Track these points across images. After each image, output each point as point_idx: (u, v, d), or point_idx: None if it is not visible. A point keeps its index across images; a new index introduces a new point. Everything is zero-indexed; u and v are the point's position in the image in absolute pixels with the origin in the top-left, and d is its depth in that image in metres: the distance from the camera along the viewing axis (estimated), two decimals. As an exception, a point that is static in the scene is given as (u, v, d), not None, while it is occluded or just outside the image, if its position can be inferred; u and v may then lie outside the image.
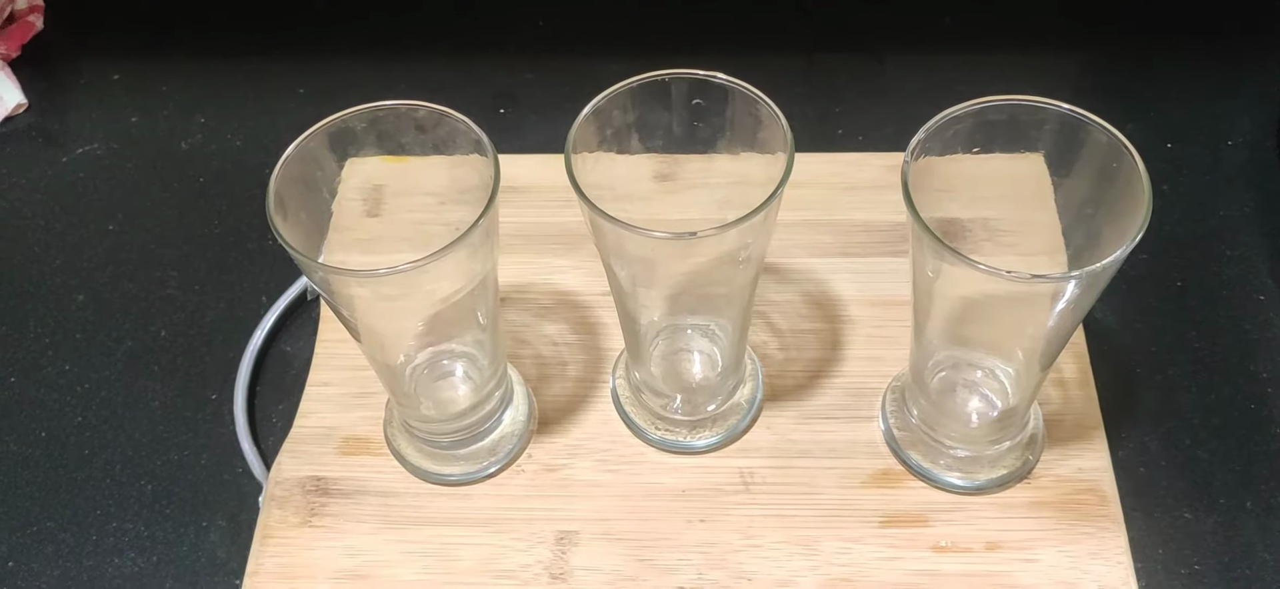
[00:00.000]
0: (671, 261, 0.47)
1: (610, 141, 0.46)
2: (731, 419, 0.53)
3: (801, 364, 0.55)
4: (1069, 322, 0.45)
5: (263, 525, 0.50)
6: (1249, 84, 0.67)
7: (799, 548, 0.49)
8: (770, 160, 0.44)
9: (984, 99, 0.43)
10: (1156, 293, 0.58)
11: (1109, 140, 0.42)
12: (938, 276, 0.44)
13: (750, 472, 0.52)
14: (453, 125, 0.45)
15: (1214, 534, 0.50)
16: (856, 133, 0.66)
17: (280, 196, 0.43)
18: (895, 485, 0.51)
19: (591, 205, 0.42)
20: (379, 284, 0.43)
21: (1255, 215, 0.61)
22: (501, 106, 0.69)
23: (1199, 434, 0.53)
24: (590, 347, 0.56)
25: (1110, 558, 0.48)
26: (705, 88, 0.46)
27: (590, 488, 0.51)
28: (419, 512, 0.51)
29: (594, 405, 0.54)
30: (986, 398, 0.50)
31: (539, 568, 0.49)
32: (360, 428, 0.53)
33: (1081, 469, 0.51)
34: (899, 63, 0.70)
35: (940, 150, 0.44)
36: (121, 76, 0.73)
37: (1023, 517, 0.50)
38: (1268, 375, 0.54)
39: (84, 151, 0.69)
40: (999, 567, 0.48)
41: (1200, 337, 0.56)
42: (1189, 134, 0.65)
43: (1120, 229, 0.41)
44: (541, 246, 0.60)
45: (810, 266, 0.58)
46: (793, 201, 0.57)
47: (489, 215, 0.42)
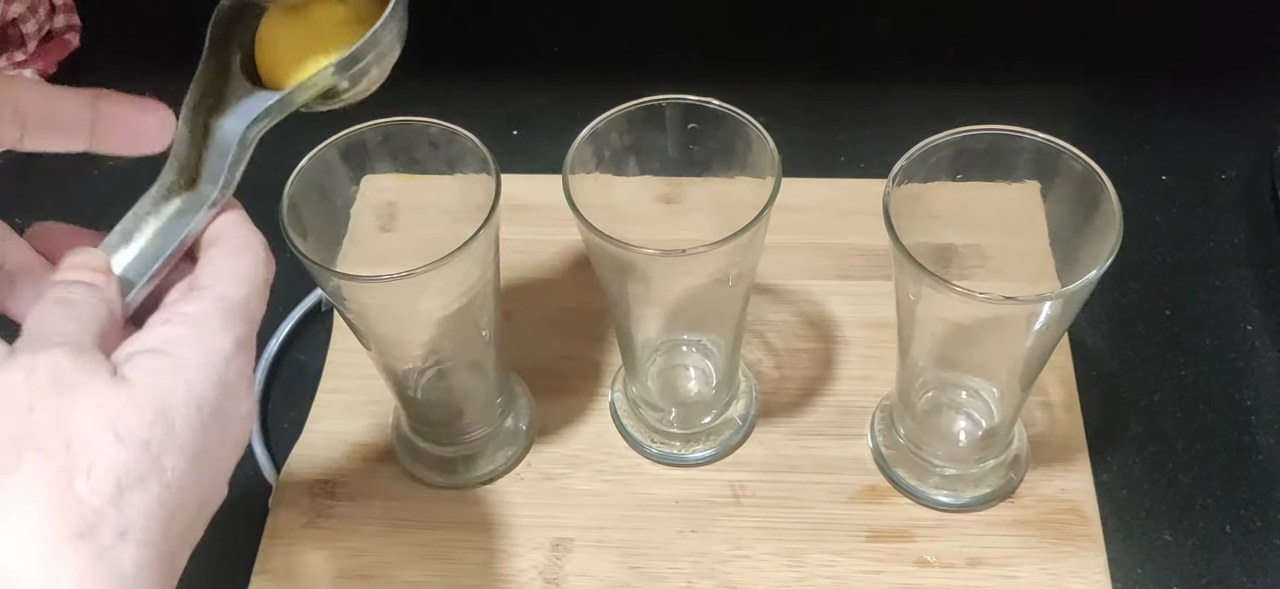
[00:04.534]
0: (665, 280, 0.49)
1: (608, 163, 0.48)
2: (725, 433, 0.54)
3: (795, 382, 0.57)
4: (1048, 342, 0.46)
5: (271, 526, 0.53)
6: (1243, 119, 0.68)
7: (786, 559, 0.51)
8: (760, 184, 0.46)
9: (964, 128, 0.45)
10: (1145, 320, 0.59)
11: (1083, 169, 0.44)
12: (919, 300, 0.45)
13: (741, 484, 0.53)
14: (462, 143, 0.47)
15: (1193, 556, 0.51)
16: (858, 159, 0.68)
17: (295, 204, 0.45)
18: (882, 501, 0.52)
19: (587, 223, 0.44)
20: (386, 290, 0.45)
21: (1244, 247, 0.62)
22: (515, 128, 0.72)
23: (1182, 459, 0.54)
24: (590, 361, 0.58)
25: (1089, 577, 0.49)
26: (699, 112, 0.48)
27: (586, 497, 0.53)
28: (422, 515, 0.53)
29: (592, 418, 0.56)
30: (971, 417, 0.52)
31: (534, 573, 0.51)
32: (368, 433, 0.56)
33: (1064, 489, 0.52)
34: (901, 92, 0.72)
35: (923, 177, 0.46)
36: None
37: (1005, 534, 0.51)
38: (1251, 403, 0.56)
39: (116, 163, 0.71)
40: (980, 583, 0.50)
41: (1186, 364, 0.57)
42: (1183, 166, 0.66)
43: (1094, 253, 0.43)
44: (547, 263, 0.62)
45: (807, 288, 0.60)
46: (792, 225, 0.59)
47: (489, 229, 0.45)
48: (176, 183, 0.38)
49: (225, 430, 0.34)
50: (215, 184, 0.38)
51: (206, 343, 0.33)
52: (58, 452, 0.29)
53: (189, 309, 0.34)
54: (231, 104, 0.39)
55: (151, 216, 0.38)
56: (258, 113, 0.38)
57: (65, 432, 0.30)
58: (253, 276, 0.36)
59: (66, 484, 0.29)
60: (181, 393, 0.32)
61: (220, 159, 0.38)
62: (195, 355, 0.33)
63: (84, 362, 0.31)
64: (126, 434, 0.30)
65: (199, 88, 0.39)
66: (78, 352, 0.31)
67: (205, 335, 0.33)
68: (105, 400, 0.31)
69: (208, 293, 0.35)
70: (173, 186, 0.38)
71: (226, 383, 0.33)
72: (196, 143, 0.39)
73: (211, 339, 0.34)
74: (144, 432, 0.31)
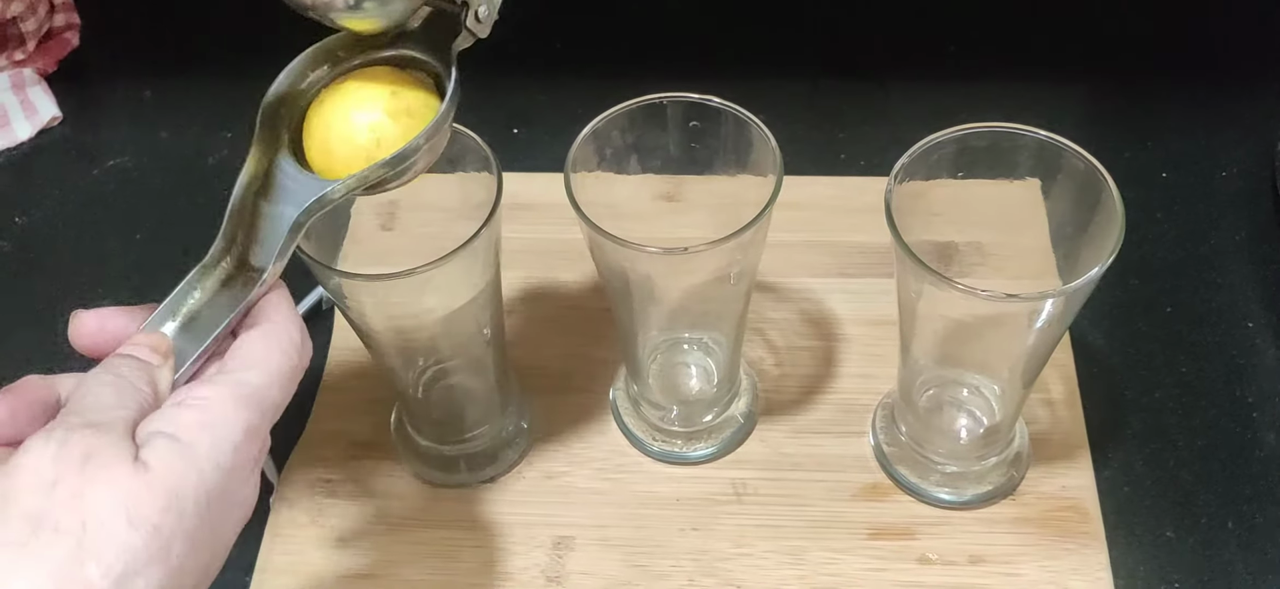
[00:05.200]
0: (667, 278, 0.49)
1: (610, 162, 0.48)
2: (726, 431, 0.54)
3: (796, 380, 0.57)
4: (1050, 340, 0.46)
5: (273, 524, 0.53)
6: (1244, 117, 0.68)
7: (788, 557, 0.51)
8: (762, 182, 0.46)
9: (965, 126, 0.45)
10: (1146, 317, 0.59)
11: (1085, 166, 0.44)
12: (920, 297, 0.45)
13: (743, 483, 0.53)
14: (463, 142, 0.47)
15: (1195, 553, 0.51)
16: (859, 158, 0.68)
17: None
18: (883, 499, 0.52)
19: (588, 221, 0.44)
20: (388, 289, 0.45)
21: (1246, 244, 0.62)
22: (516, 126, 0.72)
23: (1183, 456, 0.54)
24: (592, 359, 0.58)
25: (1090, 573, 0.49)
26: (701, 110, 0.48)
27: (588, 495, 0.53)
28: (423, 514, 0.53)
29: (594, 416, 0.56)
30: (972, 415, 0.52)
31: (536, 571, 0.51)
32: (368, 433, 0.56)
33: (1065, 487, 0.52)
34: (903, 90, 0.72)
35: (925, 175, 0.46)
36: (152, 94, 0.76)
37: (1006, 532, 0.51)
38: (1253, 400, 0.56)
39: (114, 164, 0.72)
40: (981, 580, 0.50)
41: (1188, 361, 0.57)
42: (1184, 164, 0.66)
43: (1096, 250, 0.43)
44: (548, 262, 0.62)
45: (808, 286, 0.60)
46: (794, 223, 0.59)
47: (490, 228, 0.45)
48: (226, 259, 0.39)
49: (228, 513, 0.35)
50: (265, 265, 0.38)
51: (218, 431, 0.34)
52: (73, 531, 0.30)
53: (206, 393, 0.35)
54: (282, 188, 0.40)
55: (199, 292, 0.38)
56: (309, 202, 0.39)
57: (82, 512, 0.31)
58: (278, 366, 0.37)
59: (77, 565, 0.30)
60: (193, 481, 0.33)
61: (271, 241, 0.39)
62: (206, 443, 0.33)
63: (114, 442, 0.32)
64: (139, 520, 0.31)
65: (250, 170, 0.40)
66: (110, 431, 0.32)
67: (217, 424, 0.34)
68: (125, 485, 0.31)
69: (228, 379, 0.36)
70: (223, 264, 0.39)
71: (234, 469, 0.34)
72: (247, 223, 0.39)
73: (223, 428, 0.34)
74: (156, 518, 0.31)
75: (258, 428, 0.35)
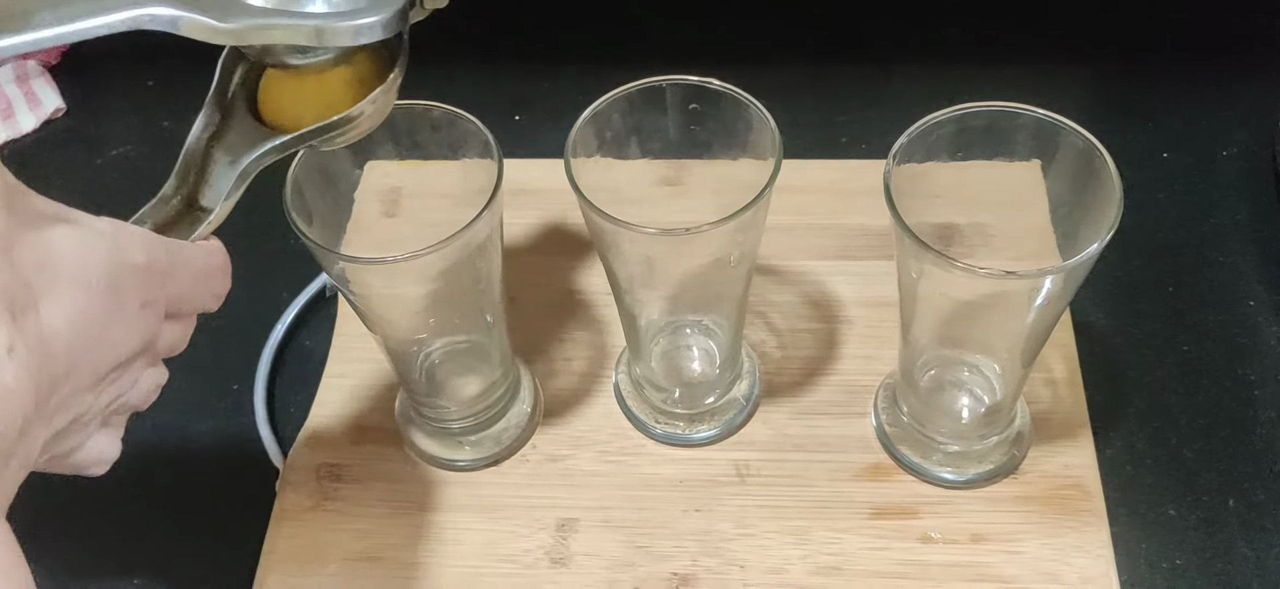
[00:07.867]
0: (668, 260, 0.49)
1: (610, 146, 0.48)
2: (729, 413, 0.55)
3: (798, 362, 0.57)
4: (1049, 318, 0.46)
5: (279, 508, 0.53)
6: (1246, 97, 0.68)
7: (790, 538, 0.51)
8: (762, 164, 0.46)
9: (964, 106, 0.45)
10: (1148, 297, 0.59)
11: (1083, 143, 0.44)
12: (920, 277, 0.45)
13: (745, 464, 0.53)
14: (465, 127, 0.48)
15: (1197, 530, 0.51)
16: (860, 141, 0.68)
17: (299, 188, 0.45)
18: (885, 479, 0.53)
19: (589, 204, 0.44)
20: (391, 273, 0.45)
21: (1247, 224, 0.62)
22: (517, 112, 0.72)
23: (1185, 434, 0.54)
24: (594, 343, 0.58)
25: (1092, 551, 0.50)
26: (700, 93, 0.48)
27: (591, 477, 0.53)
28: (427, 497, 0.53)
29: (597, 399, 0.56)
30: (974, 394, 0.52)
31: (540, 553, 0.51)
32: (373, 417, 0.56)
33: (1067, 465, 0.52)
34: (904, 73, 0.72)
35: (924, 155, 0.46)
36: (155, 83, 0.76)
37: (1008, 510, 0.51)
38: (1254, 378, 0.56)
39: (118, 153, 0.72)
40: (983, 558, 0.50)
41: (1189, 340, 0.57)
42: (1186, 144, 0.66)
43: (1094, 227, 0.43)
44: (550, 247, 0.62)
45: (810, 269, 0.60)
46: (796, 206, 0.59)
47: (491, 212, 0.45)
48: (176, 197, 0.41)
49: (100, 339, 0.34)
50: (211, 209, 0.41)
51: (121, 238, 0.35)
52: None
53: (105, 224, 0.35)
54: (235, 137, 0.42)
55: (148, 224, 0.40)
56: (258, 153, 0.41)
57: None
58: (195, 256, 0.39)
59: None
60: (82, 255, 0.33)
61: (220, 185, 0.41)
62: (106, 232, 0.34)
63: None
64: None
65: (206, 116, 0.42)
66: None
67: (122, 233, 0.35)
68: None
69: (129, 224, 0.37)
70: (174, 202, 0.41)
71: (118, 285, 0.34)
72: (198, 165, 0.42)
73: (127, 237, 0.35)
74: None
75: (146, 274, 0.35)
